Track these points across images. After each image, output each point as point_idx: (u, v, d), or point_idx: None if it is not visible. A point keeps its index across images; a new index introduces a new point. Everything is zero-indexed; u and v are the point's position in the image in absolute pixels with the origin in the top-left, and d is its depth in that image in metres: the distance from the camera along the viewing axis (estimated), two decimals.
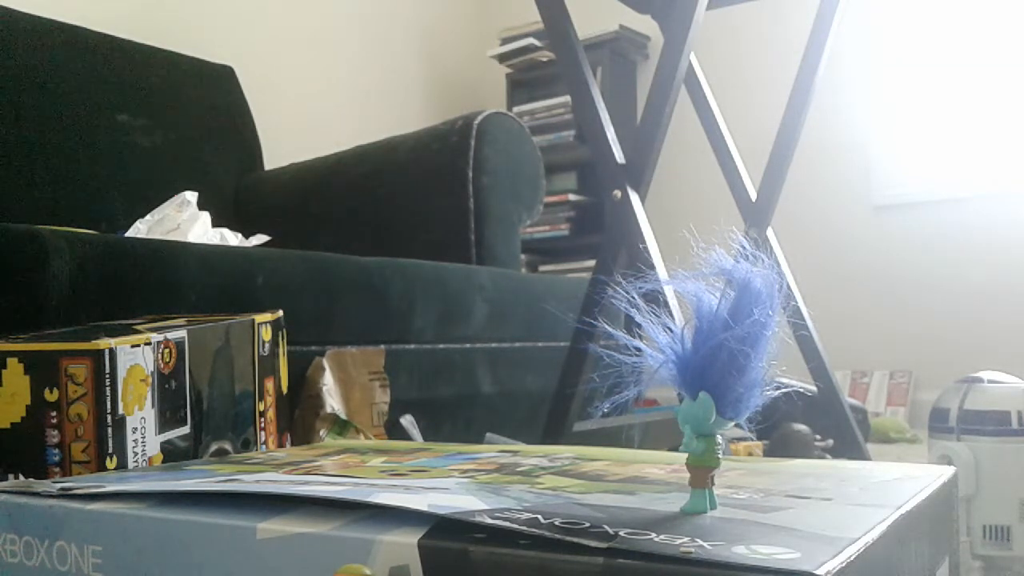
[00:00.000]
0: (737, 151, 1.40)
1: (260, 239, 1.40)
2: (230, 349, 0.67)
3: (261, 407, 0.71)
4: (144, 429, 0.57)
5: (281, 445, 0.74)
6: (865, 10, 2.66)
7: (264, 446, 0.71)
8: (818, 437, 1.34)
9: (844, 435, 1.29)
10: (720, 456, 0.33)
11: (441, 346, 1.25)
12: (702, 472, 0.33)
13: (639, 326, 0.34)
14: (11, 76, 1.48)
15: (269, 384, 0.72)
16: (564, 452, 0.49)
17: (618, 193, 1.00)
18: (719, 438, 0.33)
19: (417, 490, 0.35)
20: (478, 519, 0.29)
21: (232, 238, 1.35)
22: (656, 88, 1.00)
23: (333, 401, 1.03)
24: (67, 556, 0.36)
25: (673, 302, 0.94)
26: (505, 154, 1.52)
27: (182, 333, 0.61)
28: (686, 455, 0.33)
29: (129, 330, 0.60)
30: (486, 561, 0.28)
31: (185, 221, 1.29)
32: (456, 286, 1.28)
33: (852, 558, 0.26)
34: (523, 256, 2.94)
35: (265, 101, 2.19)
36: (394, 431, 1.12)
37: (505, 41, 3.20)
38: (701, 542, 0.27)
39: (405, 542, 0.29)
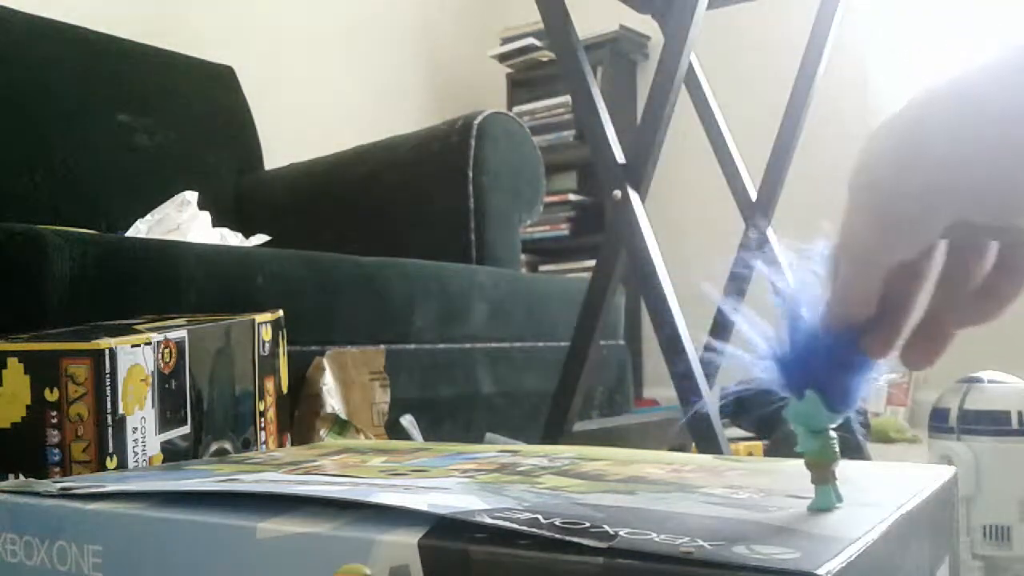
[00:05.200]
0: (737, 151, 1.40)
1: (260, 239, 1.40)
2: (230, 349, 0.67)
3: (261, 407, 0.70)
4: (144, 429, 0.57)
5: (281, 445, 0.74)
6: (865, 9, 2.66)
7: (264, 446, 0.71)
8: None
9: (844, 435, 1.29)
10: (837, 450, 0.33)
11: (441, 346, 1.25)
12: (823, 468, 0.33)
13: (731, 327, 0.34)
14: (11, 76, 1.48)
15: (269, 384, 0.72)
16: (564, 452, 0.49)
17: (618, 193, 1.00)
18: (832, 432, 0.33)
19: (417, 490, 0.35)
20: (478, 519, 0.29)
21: (232, 238, 1.35)
22: (656, 88, 1.00)
23: (333, 401, 1.03)
24: (67, 556, 0.36)
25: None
26: (505, 154, 1.52)
27: (182, 333, 0.61)
28: (803, 455, 0.33)
29: (129, 330, 0.60)
30: (486, 561, 0.28)
31: (185, 221, 1.28)
32: (456, 286, 1.28)
33: (852, 558, 0.26)
34: (523, 256, 2.94)
35: (265, 101, 2.19)
36: (394, 431, 1.12)
37: (505, 41, 3.20)
38: (701, 542, 0.26)
39: (405, 542, 0.29)
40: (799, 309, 0.34)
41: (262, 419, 0.70)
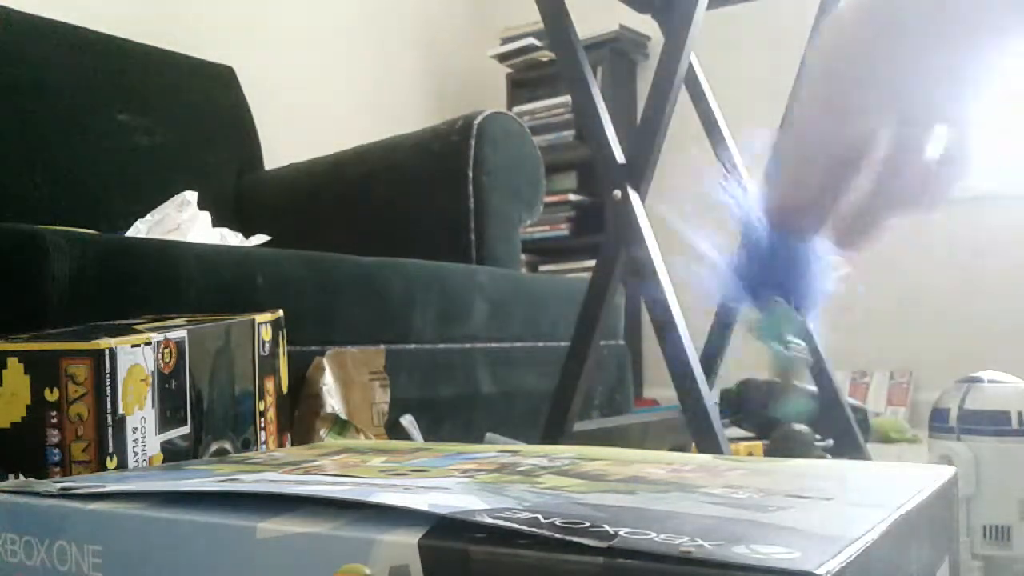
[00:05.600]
0: (737, 151, 1.40)
1: (260, 239, 1.40)
2: (230, 349, 0.67)
3: (261, 407, 0.71)
4: (144, 429, 0.57)
5: (281, 445, 0.74)
6: None
7: (264, 446, 0.71)
8: (818, 437, 1.34)
9: (844, 435, 1.29)
10: (803, 358, 0.33)
11: (441, 346, 1.25)
12: (791, 377, 0.32)
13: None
14: (11, 76, 1.48)
15: (269, 384, 0.72)
16: (564, 452, 0.49)
17: (618, 193, 1.00)
18: (798, 343, 0.33)
19: (417, 490, 0.35)
20: (478, 519, 0.29)
21: (232, 238, 1.35)
22: (656, 88, 1.00)
23: (333, 401, 1.03)
24: (67, 556, 0.36)
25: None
26: (505, 154, 1.52)
27: (182, 333, 0.61)
28: (773, 367, 0.32)
29: (129, 330, 0.60)
30: (486, 561, 0.28)
31: (185, 221, 1.29)
32: (456, 286, 1.28)
33: (852, 558, 0.26)
34: (523, 256, 2.94)
35: (265, 101, 2.19)
36: (394, 431, 1.12)
37: (505, 41, 3.20)
38: (701, 542, 0.26)
39: (405, 542, 0.29)
40: (753, 220, 0.33)
41: (262, 419, 0.70)
